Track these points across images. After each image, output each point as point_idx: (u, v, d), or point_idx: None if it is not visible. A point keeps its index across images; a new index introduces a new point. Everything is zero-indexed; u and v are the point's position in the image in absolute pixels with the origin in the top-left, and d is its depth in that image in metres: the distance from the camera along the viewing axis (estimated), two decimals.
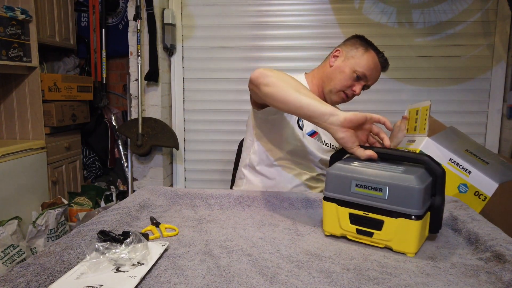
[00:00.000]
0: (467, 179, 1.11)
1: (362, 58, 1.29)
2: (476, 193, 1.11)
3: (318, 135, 1.34)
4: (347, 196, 0.84)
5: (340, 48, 1.36)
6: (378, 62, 1.31)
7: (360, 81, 1.30)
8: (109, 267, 0.70)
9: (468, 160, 1.14)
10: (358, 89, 1.30)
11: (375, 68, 1.30)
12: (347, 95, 1.33)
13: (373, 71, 1.30)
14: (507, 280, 0.67)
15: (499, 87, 2.53)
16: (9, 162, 2.09)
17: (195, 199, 1.15)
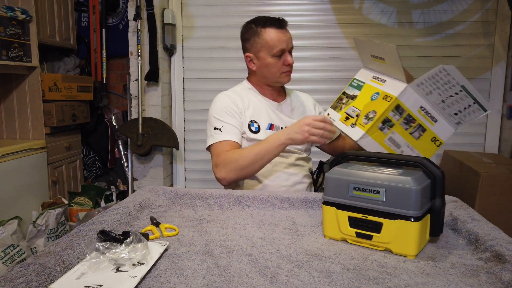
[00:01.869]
0: (431, 127, 1.10)
1: (266, 41, 1.34)
2: (433, 138, 1.11)
3: (276, 126, 1.40)
4: (346, 200, 0.85)
5: (246, 53, 1.42)
6: (277, 29, 1.34)
7: (283, 54, 1.35)
8: (109, 267, 0.70)
9: (437, 109, 1.11)
10: (290, 59, 1.36)
11: (281, 36, 1.34)
12: (288, 70, 1.38)
13: (281, 39, 1.33)
14: (507, 280, 0.67)
15: (499, 87, 2.53)
16: (9, 162, 2.09)
17: (195, 199, 1.15)
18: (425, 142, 1.11)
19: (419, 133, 1.10)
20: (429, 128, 1.10)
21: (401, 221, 0.78)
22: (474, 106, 1.07)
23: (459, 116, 1.10)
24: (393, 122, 1.10)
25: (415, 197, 0.76)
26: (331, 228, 0.88)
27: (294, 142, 1.20)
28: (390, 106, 1.08)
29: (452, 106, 1.08)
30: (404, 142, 1.11)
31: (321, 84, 2.67)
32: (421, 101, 1.09)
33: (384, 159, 0.89)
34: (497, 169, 1.93)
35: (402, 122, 1.10)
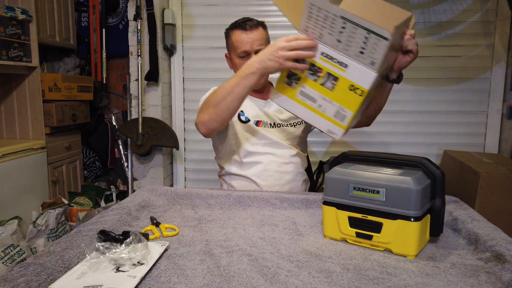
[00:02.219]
0: (343, 74, 0.95)
1: (232, 43, 1.37)
2: (351, 87, 0.95)
3: (263, 121, 1.40)
4: (346, 200, 0.85)
5: (225, 53, 1.46)
6: (241, 31, 1.35)
7: (248, 56, 1.35)
8: (109, 267, 0.70)
9: (341, 53, 0.95)
10: None
11: (243, 37, 1.34)
12: None
13: (244, 41, 1.34)
14: (507, 280, 0.67)
15: (499, 87, 2.53)
16: (9, 162, 2.09)
17: (195, 199, 1.15)
18: (343, 92, 0.96)
19: (332, 83, 0.97)
20: (342, 76, 0.95)
21: (401, 221, 0.78)
22: (372, 37, 0.88)
23: (367, 55, 0.91)
24: (298, 75, 1.00)
25: (415, 197, 0.77)
26: (331, 228, 0.88)
27: (268, 71, 1.07)
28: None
29: (351, 44, 0.92)
30: (318, 95, 0.99)
31: None
32: (320, 47, 0.96)
33: (384, 159, 0.88)
34: (497, 169, 1.93)
35: (308, 73, 0.99)
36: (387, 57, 0.92)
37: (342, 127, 0.97)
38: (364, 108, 1.03)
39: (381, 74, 0.97)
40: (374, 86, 0.95)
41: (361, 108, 0.98)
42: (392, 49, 0.93)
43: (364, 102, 0.97)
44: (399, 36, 0.95)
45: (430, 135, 2.62)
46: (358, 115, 1.01)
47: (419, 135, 2.62)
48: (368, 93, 0.94)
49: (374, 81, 0.93)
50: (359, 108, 0.96)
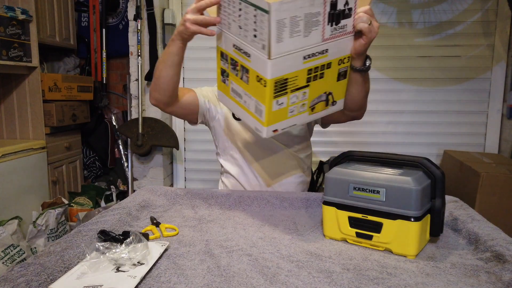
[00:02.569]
0: (249, 65, 0.87)
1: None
2: (257, 78, 0.86)
3: None
4: (346, 200, 0.85)
5: None
6: None
7: None
8: (109, 267, 0.70)
9: (244, 41, 0.87)
10: None
11: None
12: None
13: None
14: (507, 280, 0.67)
15: (499, 87, 2.53)
16: (9, 162, 2.09)
17: (195, 199, 1.15)
18: (254, 85, 0.89)
19: (246, 76, 0.90)
20: (249, 67, 0.88)
21: (401, 221, 0.78)
22: (257, 14, 0.80)
23: (259, 37, 0.83)
24: (227, 71, 0.97)
25: (415, 197, 0.77)
26: (331, 228, 0.88)
27: (182, 36, 1.07)
28: (217, 55, 0.99)
29: (248, 28, 0.85)
30: (242, 91, 0.93)
31: None
32: (230, 38, 0.92)
33: (384, 159, 0.89)
34: (497, 169, 1.93)
35: (231, 69, 0.94)
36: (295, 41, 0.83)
37: (263, 124, 0.90)
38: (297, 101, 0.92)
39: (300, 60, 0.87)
40: (279, 73, 0.84)
41: (278, 101, 0.88)
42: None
43: (277, 93, 0.87)
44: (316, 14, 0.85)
45: (430, 135, 2.62)
46: (295, 110, 0.92)
47: (419, 135, 2.62)
48: (273, 83, 0.84)
49: (274, 68, 0.83)
50: (270, 101, 0.87)
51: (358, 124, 2.66)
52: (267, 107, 0.88)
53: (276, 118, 0.91)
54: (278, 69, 0.85)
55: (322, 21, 0.87)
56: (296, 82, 0.89)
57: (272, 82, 0.84)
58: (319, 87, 0.95)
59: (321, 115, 1.01)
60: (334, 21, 0.90)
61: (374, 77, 2.60)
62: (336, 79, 0.97)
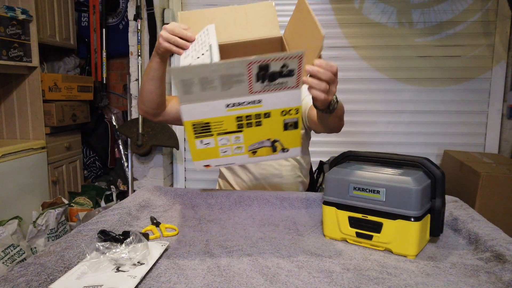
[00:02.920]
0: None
1: None
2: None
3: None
4: (346, 200, 0.85)
5: None
6: None
7: None
8: (109, 267, 0.70)
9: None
10: None
11: None
12: None
13: None
14: (507, 280, 0.67)
15: (499, 87, 2.53)
16: (9, 162, 2.09)
17: (195, 199, 1.15)
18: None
19: None
20: None
21: (401, 221, 0.78)
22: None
23: None
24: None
25: (415, 197, 0.77)
26: (331, 228, 0.88)
27: (157, 51, 1.10)
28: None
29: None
30: None
31: None
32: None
33: (384, 159, 0.88)
34: (497, 169, 1.93)
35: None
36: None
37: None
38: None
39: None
40: (195, 118, 0.86)
41: (203, 141, 0.90)
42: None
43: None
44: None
45: (430, 135, 2.62)
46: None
47: (419, 135, 2.62)
48: (190, 124, 0.87)
49: (185, 112, 0.85)
50: (192, 140, 0.89)
51: (358, 124, 2.67)
52: (190, 145, 0.90)
53: (204, 155, 0.92)
54: (192, 114, 0.86)
55: (248, 80, 0.84)
56: (222, 126, 0.90)
57: (188, 124, 0.87)
58: (258, 134, 0.93)
59: (270, 159, 0.98)
60: (266, 79, 0.86)
61: (374, 77, 2.61)
62: (282, 128, 0.94)
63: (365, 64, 2.60)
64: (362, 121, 2.65)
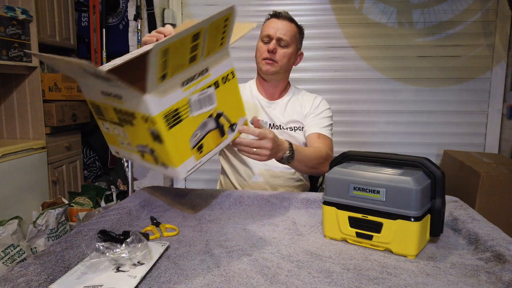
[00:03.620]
0: (121, 106, 0.80)
1: (262, 28, 1.42)
2: (142, 117, 0.78)
3: (260, 121, 1.36)
4: (346, 200, 0.85)
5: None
6: (272, 18, 1.40)
7: (269, 42, 1.37)
8: (109, 267, 0.70)
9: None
10: (270, 46, 1.35)
11: (272, 23, 1.38)
12: (267, 58, 1.37)
13: (270, 26, 1.38)
14: (507, 280, 0.67)
15: (499, 87, 2.53)
16: (9, 162, 2.09)
17: (195, 199, 1.15)
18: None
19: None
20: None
21: (401, 221, 0.78)
22: None
23: None
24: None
25: (415, 197, 0.76)
26: (331, 228, 0.88)
27: None
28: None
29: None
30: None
31: (321, 84, 2.67)
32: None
33: (384, 159, 0.88)
34: (497, 169, 1.93)
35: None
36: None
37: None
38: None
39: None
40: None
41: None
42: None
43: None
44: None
45: (430, 135, 2.62)
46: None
47: (419, 135, 2.62)
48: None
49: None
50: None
51: (358, 124, 2.67)
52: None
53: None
54: (162, 104, 0.77)
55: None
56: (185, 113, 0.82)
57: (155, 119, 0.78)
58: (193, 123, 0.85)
59: (218, 150, 0.93)
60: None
61: (374, 77, 2.61)
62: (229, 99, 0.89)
63: (365, 64, 2.61)
64: (362, 121, 2.65)
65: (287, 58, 1.38)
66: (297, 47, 1.44)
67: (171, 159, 0.81)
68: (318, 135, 1.35)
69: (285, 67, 1.39)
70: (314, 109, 1.43)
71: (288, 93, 1.47)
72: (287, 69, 1.42)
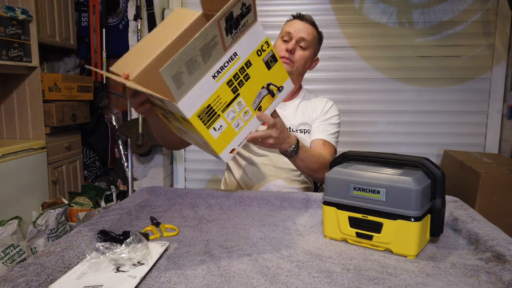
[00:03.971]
0: (169, 108, 0.92)
1: (282, 27, 1.43)
2: (182, 118, 0.90)
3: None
4: (346, 200, 0.85)
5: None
6: (294, 19, 1.42)
7: (288, 41, 1.36)
8: (109, 267, 0.70)
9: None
10: (289, 45, 1.35)
11: (294, 23, 1.39)
12: (286, 57, 1.35)
13: (292, 25, 1.38)
14: (507, 280, 0.67)
15: (499, 87, 2.53)
16: (9, 162, 2.09)
17: (195, 199, 1.15)
18: (186, 124, 0.92)
19: (176, 119, 0.96)
20: (174, 111, 0.94)
21: (401, 221, 0.78)
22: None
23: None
24: (166, 116, 1.01)
25: (415, 197, 0.76)
26: (331, 228, 0.88)
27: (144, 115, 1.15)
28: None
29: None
30: (183, 129, 0.96)
31: (321, 84, 2.67)
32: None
33: (384, 159, 0.89)
34: (497, 169, 1.93)
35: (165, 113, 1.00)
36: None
37: (215, 152, 0.94)
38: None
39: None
40: (196, 107, 0.86)
41: (216, 127, 0.90)
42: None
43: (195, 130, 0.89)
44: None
45: (430, 135, 2.62)
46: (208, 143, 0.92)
47: (419, 135, 2.62)
48: (196, 117, 0.87)
49: (186, 107, 0.85)
50: (207, 133, 0.89)
51: (358, 124, 2.67)
52: (209, 140, 0.91)
53: (225, 141, 0.94)
54: (192, 105, 0.86)
55: (220, 38, 0.86)
56: (221, 101, 0.90)
57: (195, 119, 0.87)
58: (252, 88, 0.96)
59: (273, 107, 1.03)
60: (233, 28, 0.88)
61: (375, 77, 2.60)
62: (266, 69, 0.98)
63: (365, 64, 2.60)
64: (362, 121, 2.65)
65: (304, 60, 1.38)
66: (315, 52, 1.44)
67: (213, 148, 0.92)
68: (324, 142, 1.35)
69: (300, 69, 1.39)
70: (323, 114, 1.43)
71: (299, 96, 1.48)
72: (301, 71, 1.42)
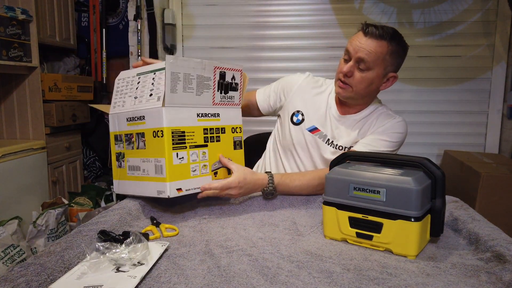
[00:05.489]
0: (144, 127, 0.97)
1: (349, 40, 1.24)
2: (154, 134, 0.95)
3: (320, 132, 1.29)
4: (346, 200, 0.85)
5: None
6: (361, 32, 1.18)
7: (348, 61, 1.19)
8: (109, 267, 0.70)
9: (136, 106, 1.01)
10: (345, 67, 1.18)
11: (355, 39, 1.19)
12: (341, 80, 1.21)
13: (353, 41, 1.18)
14: (507, 280, 0.67)
15: (499, 87, 2.53)
16: (9, 162, 2.09)
17: (195, 199, 1.15)
18: (152, 143, 0.96)
19: (142, 141, 0.98)
20: (145, 128, 0.98)
21: (401, 221, 0.78)
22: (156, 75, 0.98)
23: (155, 93, 0.96)
24: (122, 152, 1.05)
25: (416, 197, 0.76)
26: (331, 228, 0.88)
27: None
28: (111, 143, 1.09)
29: (143, 92, 0.98)
30: (139, 161, 1.00)
31: None
32: (123, 115, 1.02)
33: (384, 159, 0.89)
34: (497, 169, 1.93)
35: (126, 145, 1.03)
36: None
37: (164, 180, 0.95)
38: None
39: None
40: (175, 124, 0.94)
41: (178, 155, 0.95)
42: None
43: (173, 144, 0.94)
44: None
45: (431, 135, 2.62)
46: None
47: (419, 135, 2.62)
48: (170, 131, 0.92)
49: (168, 116, 0.92)
50: (170, 152, 0.93)
51: None
52: (167, 159, 0.94)
53: (178, 175, 0.96)
54: (173, 119, 0.95)
55: (213, 86, 1.01)
56: (193, 138, 0.99)
57: (168, 131, 0.93)
58: (218, 151, 1.05)
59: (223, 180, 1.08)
60: (223, 89, 1.04)
61: None
62: (232, 147, 1.09)
63: None
64: None
65: (366, 83, 1.18)
66: (385, 70, 1.18)
67: (167, 172, 0.95)
68: None
69: (361, 93, 1.20)
70: (377, 128, 1.24)
71: (366, 110, 1.28)
72: (365, 94, 1.22)
